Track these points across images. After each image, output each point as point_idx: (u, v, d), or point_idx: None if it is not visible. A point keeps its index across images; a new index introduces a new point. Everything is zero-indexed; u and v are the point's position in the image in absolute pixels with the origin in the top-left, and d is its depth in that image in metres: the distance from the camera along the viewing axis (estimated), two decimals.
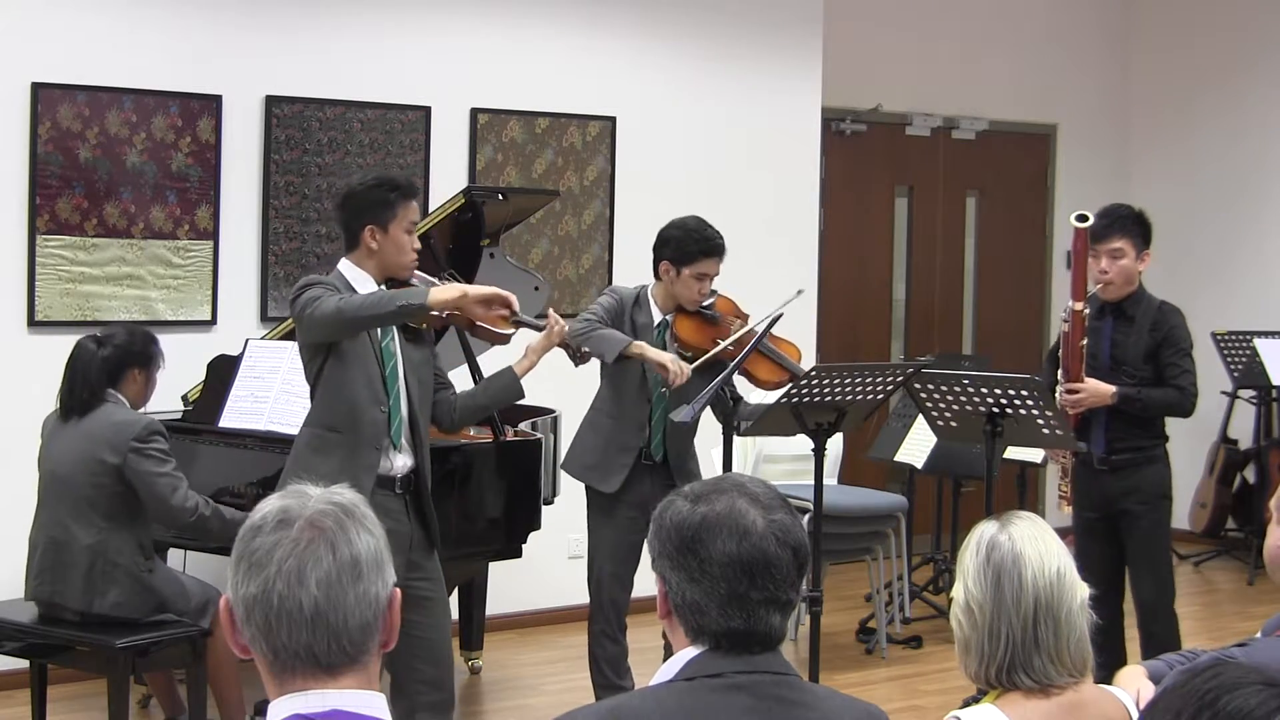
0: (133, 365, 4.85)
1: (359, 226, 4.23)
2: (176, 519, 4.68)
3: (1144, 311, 5.13)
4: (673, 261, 4.99)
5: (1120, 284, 5.11)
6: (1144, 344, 5.10)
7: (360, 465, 4.21)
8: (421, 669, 4.32)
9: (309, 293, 4.15)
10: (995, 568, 2.31)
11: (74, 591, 4.66)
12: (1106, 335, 5.16)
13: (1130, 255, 5.08)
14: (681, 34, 7.26)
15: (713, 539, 2.05)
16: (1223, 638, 6.11)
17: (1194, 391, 5.09)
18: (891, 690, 6.10)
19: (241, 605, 1.77)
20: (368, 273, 4.26)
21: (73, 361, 4.82)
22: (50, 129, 5.82)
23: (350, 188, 4.31)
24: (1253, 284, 8.83)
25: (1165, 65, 9.27)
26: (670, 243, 5.01)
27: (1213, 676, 1.46)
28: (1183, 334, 5.12)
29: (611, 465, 5.08)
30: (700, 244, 4.97)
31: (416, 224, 4.32)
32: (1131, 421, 5.09)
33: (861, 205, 8.56)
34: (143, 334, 4.94)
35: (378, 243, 4.23)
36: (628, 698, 2.09)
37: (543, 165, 6.93)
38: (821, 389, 4.71)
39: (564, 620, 6.87)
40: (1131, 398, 5.04)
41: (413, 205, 4.28)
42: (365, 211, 4.23)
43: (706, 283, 5.02)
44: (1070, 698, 2.31)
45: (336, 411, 4.23)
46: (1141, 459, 5.12)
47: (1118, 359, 5.13)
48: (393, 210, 4.23)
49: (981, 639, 2.31)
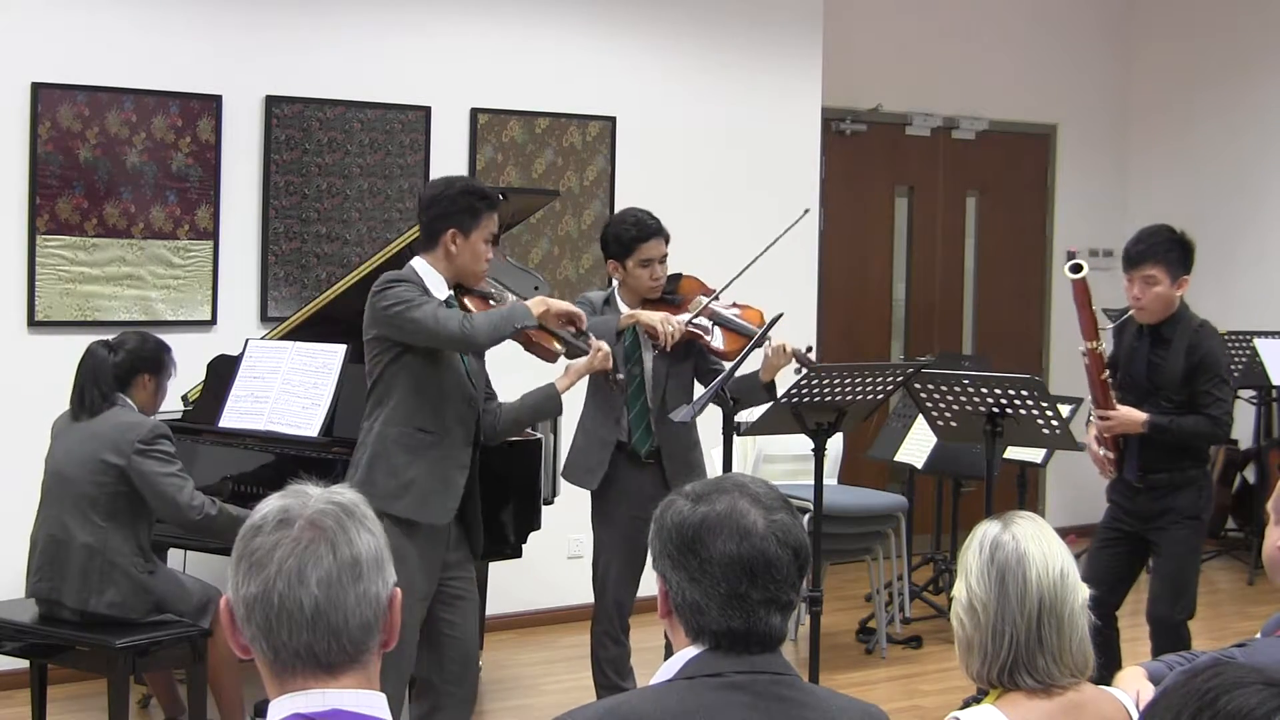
0: (144, 371, 4.86)
1: (442, 228, 4.27)
2: (184, 518, 4.69)
3: (1180, 334, 4.99)
4: (616, 258, 4.97)
5: (1154, 310, 4.98)
6: (1180, 368, 4.96)
7: (453, 464, 4.30)
8: (451, 668, 4.38)
9: (400, 289, 4.18)
10: (999, 567, 2.31)
11: (71, 589, 4.67)
12: (1143, 357, 5.05)
13: (1165, 282, 4.93)
14: (681, 34, 7.26)
15: (713, 539, 2.05)
16: (1223, 638, 6.11)
17: (1228, 421, 4.98)
18: (891, 690, 6.10)
19: (242, 605, 1.77)
20: (441, 274, 4.30)
21: (83, 365, 4.83)
22: (50, 129, 5.82)
23: (439, 190, 4.33)
24: (1253, 284, 8.82)
25: (1165, 64, 9.28)
26: (609, 241, 5.00)
27: (1213, 676, 1.46)
28: (1217, 360, 4.98)
29: (589, 461, 5.07)
30: (633, 230, 4.94)
31: (496, 235, 4.38)
32: (1165, 448, 4.99)
33: (861, 205, 8.56)
34: (156, 341, 4.95)
35: (457, 247, 4.27)
36: (627, 697, 2.09)
37: (543, 165, 6.93)
38: (821, 389, 4.71)
39: (564, 620, 6.88)
40: (1162, 427, 4.94)
41: (495, 217, 4.33)
42: (451, 216, 4.26)
43: (656, 266, 4.96)
44: (1071, 698, 2.31)
45: (427, 410, 4.26)
46: (1179, 479, 5.01)
47: (1155, 382, 5.02)
48: (477, 219, 4.27)
49: (985, 639, 2.30)
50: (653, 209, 5.13)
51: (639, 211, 5.01)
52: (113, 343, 4.88)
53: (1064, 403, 6.12)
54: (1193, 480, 5.04)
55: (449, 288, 4.31)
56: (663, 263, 4.98)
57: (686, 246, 5.48)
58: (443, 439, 4.28)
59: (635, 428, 5.02)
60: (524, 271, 5.58)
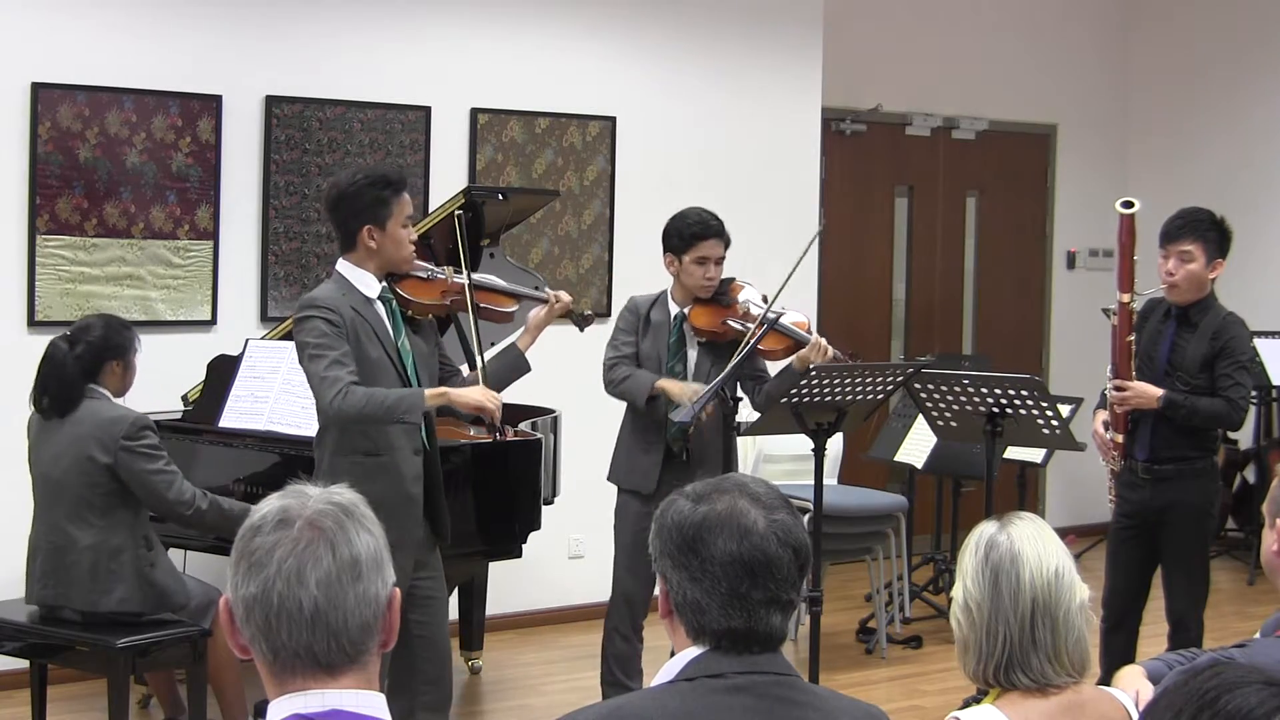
0: (110, 358, 4.77)
1: (356, 227, 4.17)
2: (174, 513, 4.67)
3: (1209, 320, 4.95)
4: (674, 252, 5.07)
5: (1186, 289, 4.93)
6: (1203, 351, 4.92)
7: (408, 480, 4.23)
8: (424, 668, 4.34)
9: (307, 328, 4.08)
10: (993, 567, 2.32)
11: (79, 593, 4.65)
12: (1168, 339, 5.00)
13: (1200, 260, 4.89)
14: (681, 34, 7.26)
15: (714, 538, 2.05)
16: (1223, 638, 6.10)
17: (1244, 405, 4.93)
18: (891, 690, 6.10)
19: (241, 605, 1.77)
20: (368, 271, 4.22)
21: (45, 364, 4.76)
22: (50, 129, 5.82)
23: (341, 189, 4.20)
24: (1253, 284, 8.81)
25: (1165, 65, 9.27)
26: (670, 235, 5.09)
27: (1212, 676, 1.46)
28: (1242, 345, 4.94)
29: (636, 465, 5.11)
30: (694, 227, 5.02)
31: (412, 216, 4.29)
32: (1179, 430, 4.94)
33: (861, 205, 8.56)
34: (114, 323, 4.85)
35: (376, 241, 4.18)
36: (628, 698, 2.09)
37: (543, 165, 6.93)
38: (821, 389, 4.71)
39: (564, 620, 6.88)
40: (1177, 404, 4.87)
41: (405, 197, 4.22)
42: (361, 212, 4.16)
43: (711, 266, 5.04)
44: (1070, 698, 2.31)
45: (364, 434, 4.16)
46: (1187, 471, 4.97)
47: (1175, 364, 4.97)
48: (388, 207, 4.17)
49: (979, 638, 2.31)
50: (652, 209, 5.16)
51: (704, 212, 5.09)
52: (71, 335, 4.78)
53: (1064, 403, 6.12)
54: (1201, 473, 5.00)
55: (380, 280, 4.24)
56: (718, 264, 5.06)
57: None
58: (392, 456, 4.20)
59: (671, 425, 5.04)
60: (524, 271, 5.58)
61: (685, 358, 5.08)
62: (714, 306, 5.09)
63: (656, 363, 5.07)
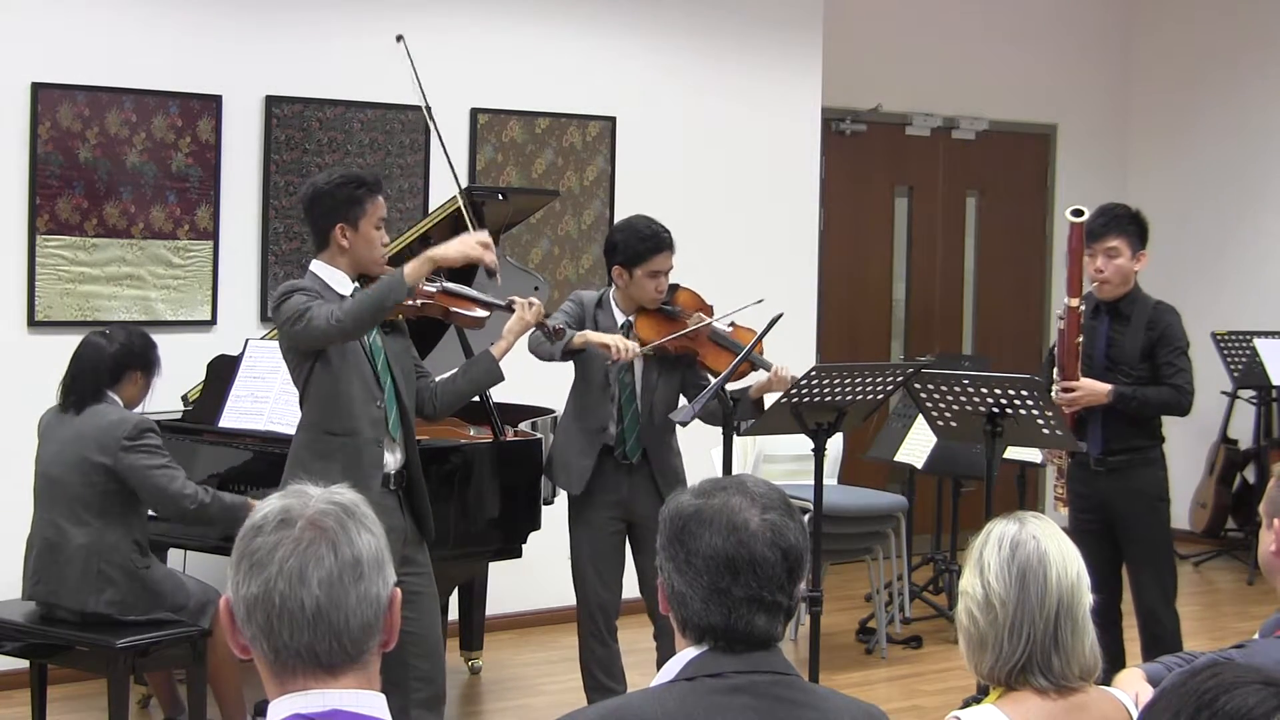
0: (134, 367, 4.84)
1: (329, 226, 4.22)
2: (177, 508, 4.68)
3: (1140, 311, 5.12)
4: (624, 265, 4.92)
5: (1116, 283, 5.10)
6: (1140, 342, 5.08)
7: (365, 465, 4.23)
8: (415, 664, 4.35)
9: (292, 301, 4.13)
10: (1021, 566, 2.30)
11: (70, 591, 4.66)
12: (1103, 334, 5.15)
13: (1126, 255, 5.07)
14: (681, 34, 7.26)
15: (701, 531, 2.05)
16: (1223, 638, 6.11)
17: (1190, 390, 5.08)
18: (891, 690, 6.11)
19: (242, 605, 1.77)
20: (342, 270, 4.26)
21: (79, 355, 4.81)
22: (50, 129, 5.82)
23: (316, 188, 4.26)
24: (1252, 284, 8.83)
25: (1165, 65, 9.27)
26: (618, 246, 4.94)
27: (1211, 676, 1.47)
28: (1178, 332, 5.10)
29: (573, 466, 5.01)
30: (647, 242, 4.89)
31: (385, 218, 4.32)
32: (1128, 421, 5.07)
33: (861, 205, 8.56)
34: (143, 337, 4.93)
35: (349, 240, 4.23)
36: (629, 698, 2.09)
37: (543, 165, 6.93)
38: (821, 389, 4.71)
39: (564, 620, 6.86)
40: (1127, 396, 5.02)
41: (380, 200, 4.27)
42: (335, 211, 4.21)
43: (661, 279, 4.94)
44: (1072, 699, 2.31)
45: (332, 413, 4.23)
46: (1138, 460, 5.10)
47: (1114, 358, 5.12)
48: (362, 207, 4.22)
49: (1001, 636, 2.30)
50: (652, 209, 5.13)
51: (654, 223, 4.96)
52: (109, 333, 4.86)
53: None
54: (1152, 461, 5.13)
55: (353, 281, 4.27)
56: (667, 274, 4.98)
57: (686, 247, 5.46)
58: (352, 439, 4.23)
59: (628, 435, 4.99)
60: (524, 271, 5.58)
61: (633, 366, 5.02)
62: (660, 318, 4.98)
63: (604, 371, 5.00)
